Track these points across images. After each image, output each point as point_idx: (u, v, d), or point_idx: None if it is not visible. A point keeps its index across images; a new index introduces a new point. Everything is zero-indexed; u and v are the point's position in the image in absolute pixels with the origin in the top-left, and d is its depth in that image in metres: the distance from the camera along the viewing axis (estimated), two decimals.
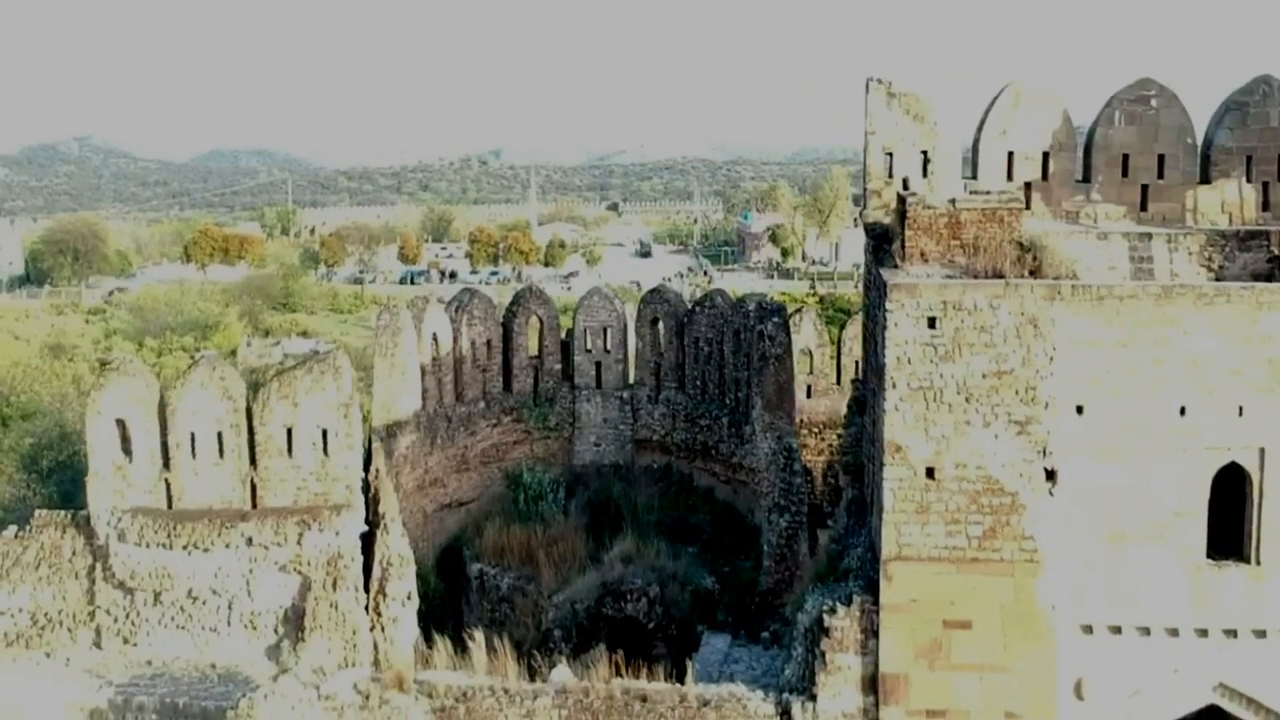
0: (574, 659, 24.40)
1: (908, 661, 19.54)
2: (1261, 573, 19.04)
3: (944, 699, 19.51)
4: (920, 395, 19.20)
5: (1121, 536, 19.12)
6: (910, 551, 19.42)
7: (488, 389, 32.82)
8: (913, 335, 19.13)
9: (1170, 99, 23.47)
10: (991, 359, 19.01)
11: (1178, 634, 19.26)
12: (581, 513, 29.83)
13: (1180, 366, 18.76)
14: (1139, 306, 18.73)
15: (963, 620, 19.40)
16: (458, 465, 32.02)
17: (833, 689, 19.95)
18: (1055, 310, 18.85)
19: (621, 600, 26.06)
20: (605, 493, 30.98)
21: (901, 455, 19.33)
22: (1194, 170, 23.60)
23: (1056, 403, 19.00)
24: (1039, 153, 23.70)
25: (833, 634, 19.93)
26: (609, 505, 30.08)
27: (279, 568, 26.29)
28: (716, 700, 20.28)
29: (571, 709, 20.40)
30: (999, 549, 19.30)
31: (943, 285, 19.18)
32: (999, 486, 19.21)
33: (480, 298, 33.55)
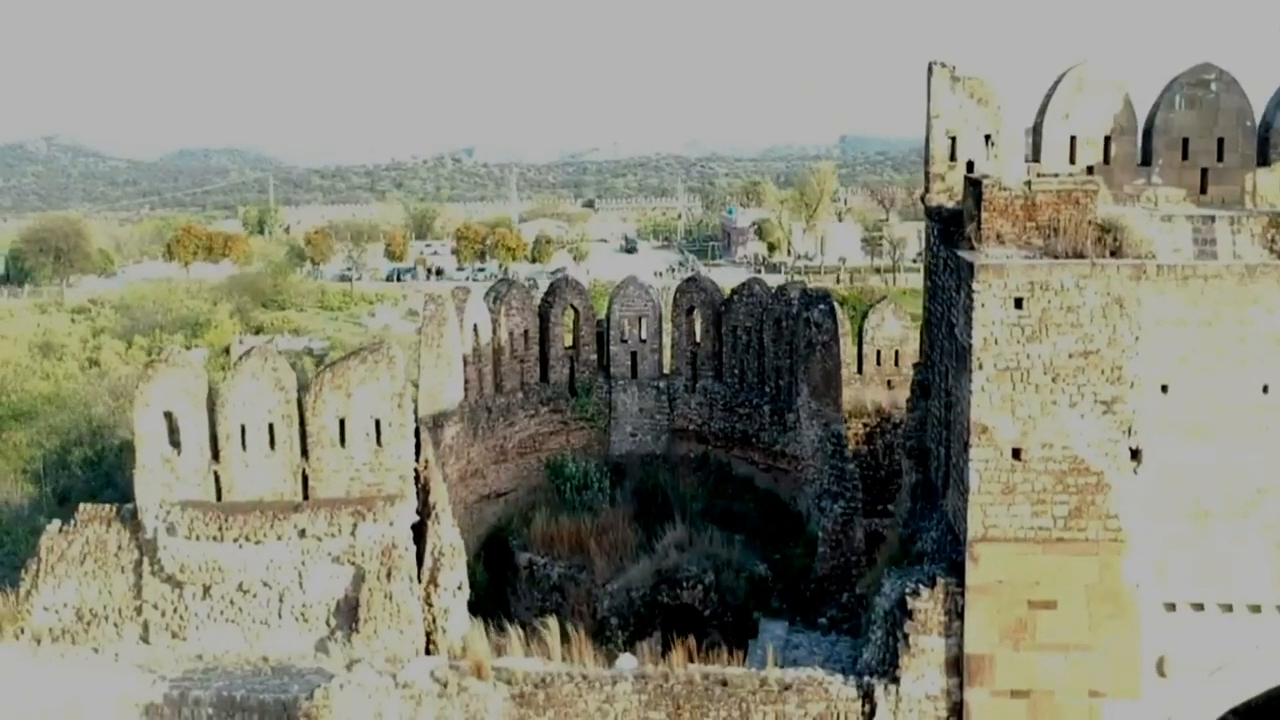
0: (630, 646, 24.34)
1: (993, 642, 19.56)
2: None
3: (1029, 679, 19.55)
4: (1007, 376, 19.23)
5: (1205, 514, 19.21)
6: (996, 533, 19.44)
7: (525, 379, 32.67)
8: (1000, 316, 19.15)
9: (1229, 83, 23.63)
10: (1078, 339, 19.06)
11: (1259, 611, 19.37)
12: (629, 502, 29.74)
13: (1264, 345, 18.87)
14: (1223, 286, 18.84)
15: (1048, 600, 19.44)
16: (496, 456, 31.86)
17: (916, 671, 19.95)
18: (1140, 290, 18.93)
19: (677, 587, 26.01)
20: (649, 482, 30.92)
21: (988, 436, 19.35)
22: (1253, 153, 23.78)
23: (1142, 382, 19.07)
24: (1100, 136, 23.81)
25: (916, 616, 19.92)
26: (654, 494, 30.02)
27: (332, 559, 26.06)
28: (798, 684, 20.26)
29: (652, 694, 20.32)
30: (1084, 528, 19.35)
31: (1030, 266, 19.22)
32: (1085, 466, 19.26)
33: (518, 288, 33.41)
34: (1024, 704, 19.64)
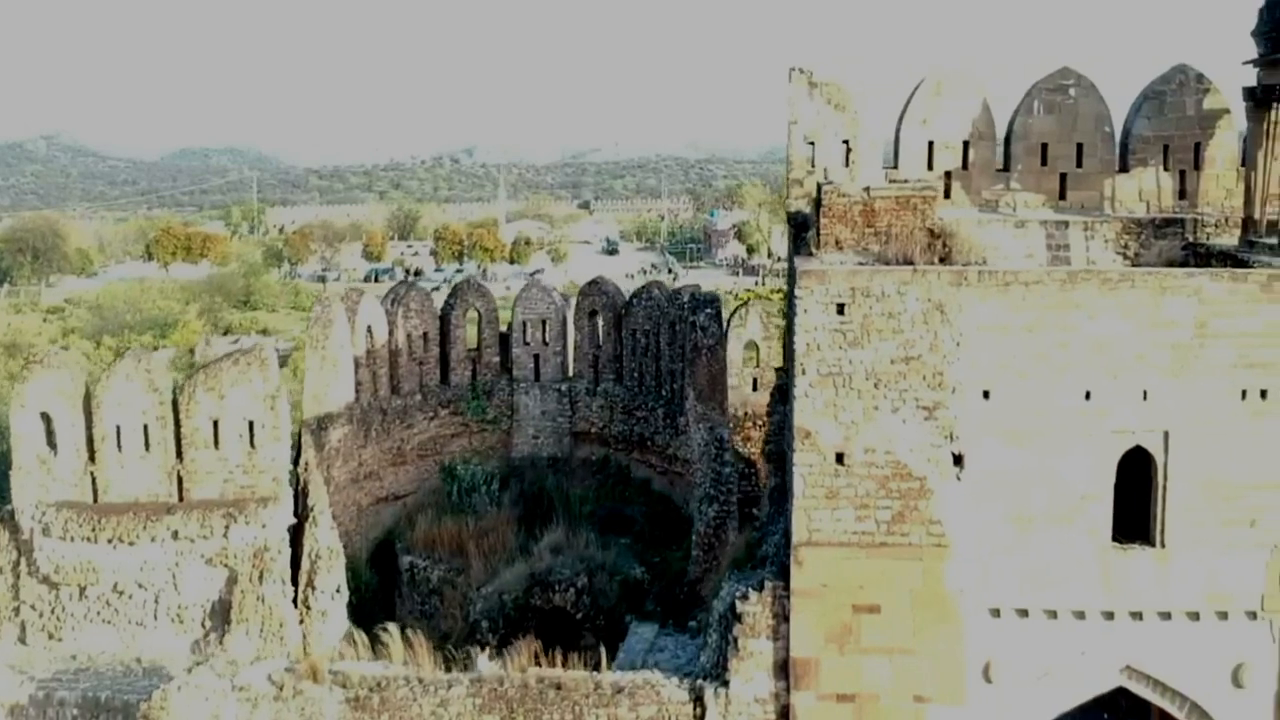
0: (502, 650, 24.39)
1: (818, 646, 19.61)
2: (1166, 555, 19.19)
3: (854, 682, 19.59)
4: (830, 381, 19.26)
5: (1029, 520, 19.24)
6: (820, 537, 19.48)
7: (425, 382, 32.74)
8: (822, 321, 19.19)
9: (1088, 88, 23.68)
10: (900, 344, 19.09)
11: (1084, 617, 19.39)
12: (514, 505, 29.81)
13: (1086, 351, 18.89)
14: (1044, 291, 18.83)
15: (872, 605, 19.48)
16: (394, 458, 31.93)
17: (745, 674, 19.99)
18: (962, 296, 18.94)
19: (549, 591, 26.07)
20: (540, 485, 30.96)
21: (811, 441, 19.40)
22: (1112, 159, 23.84)
23: (964, 387, 19.10)
24: (959, 142, 23.87)
25: (745, 619, 19.97)
26: (542, 497, 30.07)
27: (205, 561, 26.16)
28: (630, 687, 20.30)
29: (486, 698, 20.37)
30: (907, 533, 19.39)
31: (851, 272, 19.25)
32: (907, 471, 19.29)
33: (417, 291, 33.52)
34: (850, 708, 19.69)
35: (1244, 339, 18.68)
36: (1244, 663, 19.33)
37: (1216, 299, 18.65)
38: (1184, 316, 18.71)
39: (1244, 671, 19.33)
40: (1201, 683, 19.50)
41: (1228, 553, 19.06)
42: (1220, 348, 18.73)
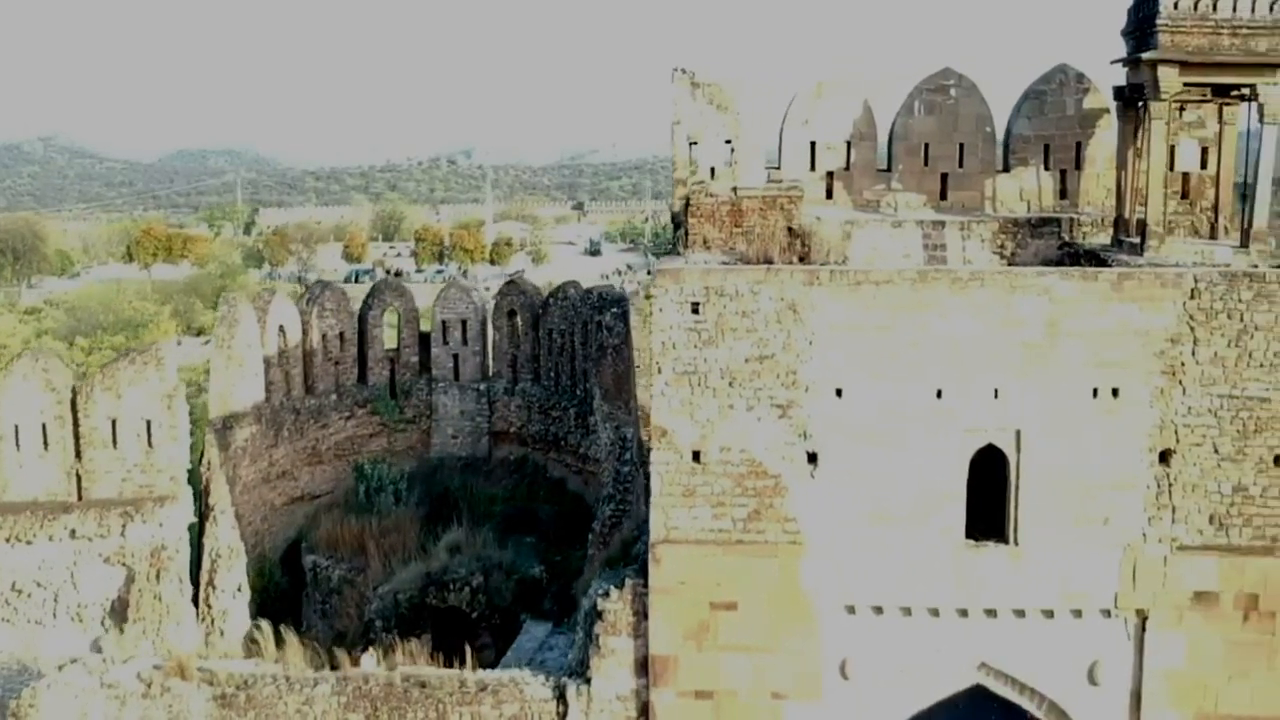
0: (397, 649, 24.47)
1: (677, 643, 19.69)
2: (1019, 553, 19.28)
3: (712, 680, 19.69)
4: (685, 380, 19.36)
5: (883, 518, 19.32)
6: (678, 535, 19.57)
7: (341, 381, 32.84)
8: (677, 320, 19.29)
9: (969, 89, 23.77)
10: (753, 343, 19.18)
11: (939, 614, 19.48)
12: (421, 505, 29.90)
13: (937, 350, 18.97)
14: (895, 291, 18.92)
15: (729, 602, 19.58)
16: (308, 458, 32.03)
17: (606, 672, 20.09)
18: (814, 295, 19.02)
19: (445, 590, 26.14)
20: (443, 484, 31.06)
21: (668, 439, 19.49)
22: (993, 159, 23.93)
23: (818, 386, 19.19)
24: (841, 142, 23.96)
25: (605, 617, 20.07)
26: (448, 497, 30.16)
27: (104, 560, 26.27)
28: (494, 685, 20.40)
29: (350, 696, 20.46)
30: (763, 531, 19.48)
31: (705, 271, 19.34)
32: (763, 469, 19.39)
33: (333, 290, 33.66)
34: (708, 705, 19.79)
35: (1095, 338, 18.77)
36: (1099, 660, 19.43)
37: (1067, 298, 18.74)
38: (1035, 316, 18.80)
39: (1099, 669, 19.43)
40: (1057, 680, 19.59)
41: (1081, 551, 19.14)
42: (1071, 347, 18.82)
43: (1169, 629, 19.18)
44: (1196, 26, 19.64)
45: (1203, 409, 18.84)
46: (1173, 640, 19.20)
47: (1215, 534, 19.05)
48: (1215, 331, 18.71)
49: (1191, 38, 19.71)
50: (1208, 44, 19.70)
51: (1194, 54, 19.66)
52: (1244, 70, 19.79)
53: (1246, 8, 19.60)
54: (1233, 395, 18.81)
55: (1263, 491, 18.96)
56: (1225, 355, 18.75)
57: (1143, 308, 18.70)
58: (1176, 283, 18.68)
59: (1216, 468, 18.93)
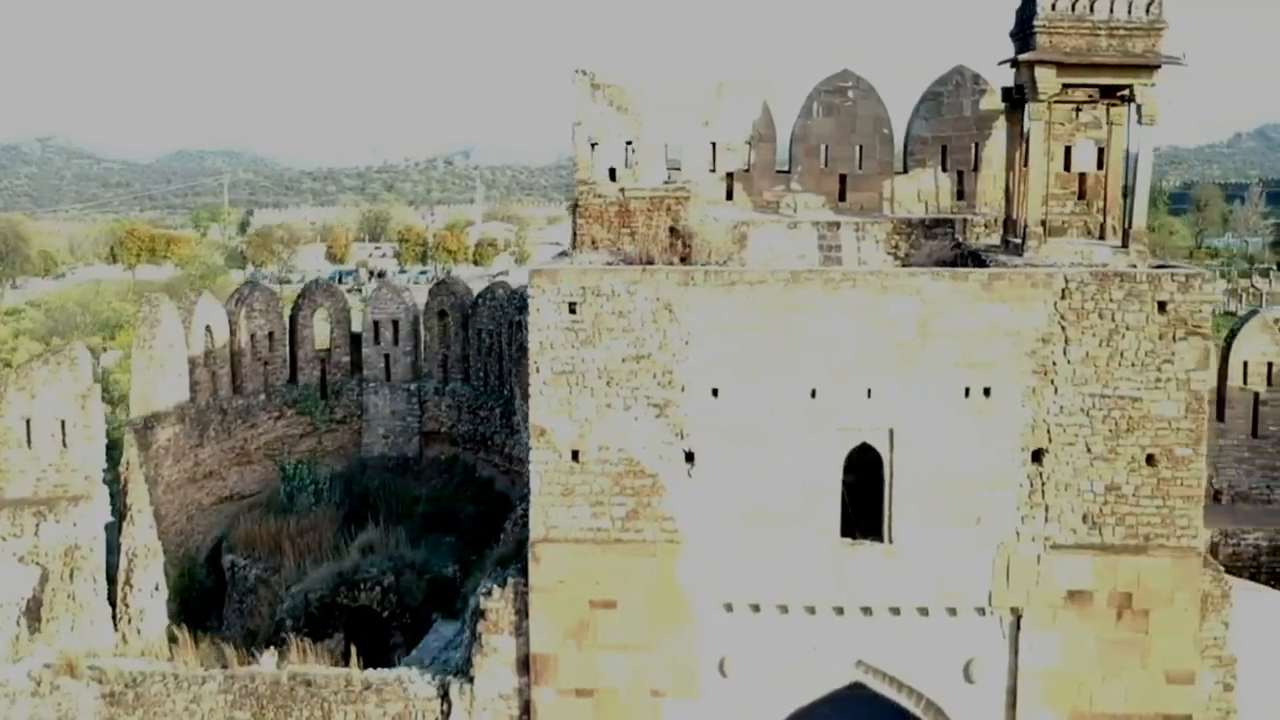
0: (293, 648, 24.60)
1: (557, 642, 19.82)
2: (894, 551, 19.40)
3: (592, 678, 19.80)
4: (564, 379, 19.49)
5: (759, 517, 19.42)
6: (557, 533, 19.70)
7: (270, 381, 32.95)
8: (555, 320, 19.42)
9: (867, 90, 23.92)
10: (630, 343, 19.31)
11: (815, 612, 19.60)
12: (342, 505, 30.04)
13: (811, 350, 19.09)
14: (769, 291, 19.04)
15: (608, 600, 19.70)
16: (237, 458, 32.14)
17: (488, 670, 20.21)
18: (690, 295, 19.14)
19: (355, 590, 26.23)
20: (367, 483, 31.19)
21: (547, 438, 19.62)
22: (891, 160, 24.06)
23: (694, 386, 19.31)
24: (741, 143, 24.08)
25: (488, 616, 20.19)
26: (368, 496, 30.30)
27: (17, 559, 26.39)
28: (379, 684, 20.51)
29: (237, 694, 20.58)
30: (642, 530, 19.60)
31: (582, 271, 19.48)
32: (641, 469, 19.51)
33: (262, 290, 33.79)
34: (589, 703, 19.90)
35: (966, 338, 18.90)
36: (975, 658, 19.54)
37: (938, 299, 18.86)
38: (907, 316, 18.92)
39: (975, 667, 19.55)
40: (934, 678, 19.71)
41: (955, 549, 19.26)
42: (943, 346, 18.94)
43: (1043, 628, 19.30)
44: (1074, 28, 19.77)
45: (1075, 408, 18.97)
46: (1047, 639, 19.31)
47: (1088, 533, 19.18)
48: (1087, 331, 18.83)
49: (1069, 39, 19.84)
50: (1085, 45, 19.83)
51: (1071, 55, 19.78)
52: (1121, 71, 19.92)
53: (1124, 9, 19.72)
54: (1104, 395, 18.94)
55: (1135, 490, 19.09)
56: (1097, 355, 18.87)
57: (1014, 308, 18.82)
58: (1047, 283, 18.81)
59: (1089, 467, 19.05)
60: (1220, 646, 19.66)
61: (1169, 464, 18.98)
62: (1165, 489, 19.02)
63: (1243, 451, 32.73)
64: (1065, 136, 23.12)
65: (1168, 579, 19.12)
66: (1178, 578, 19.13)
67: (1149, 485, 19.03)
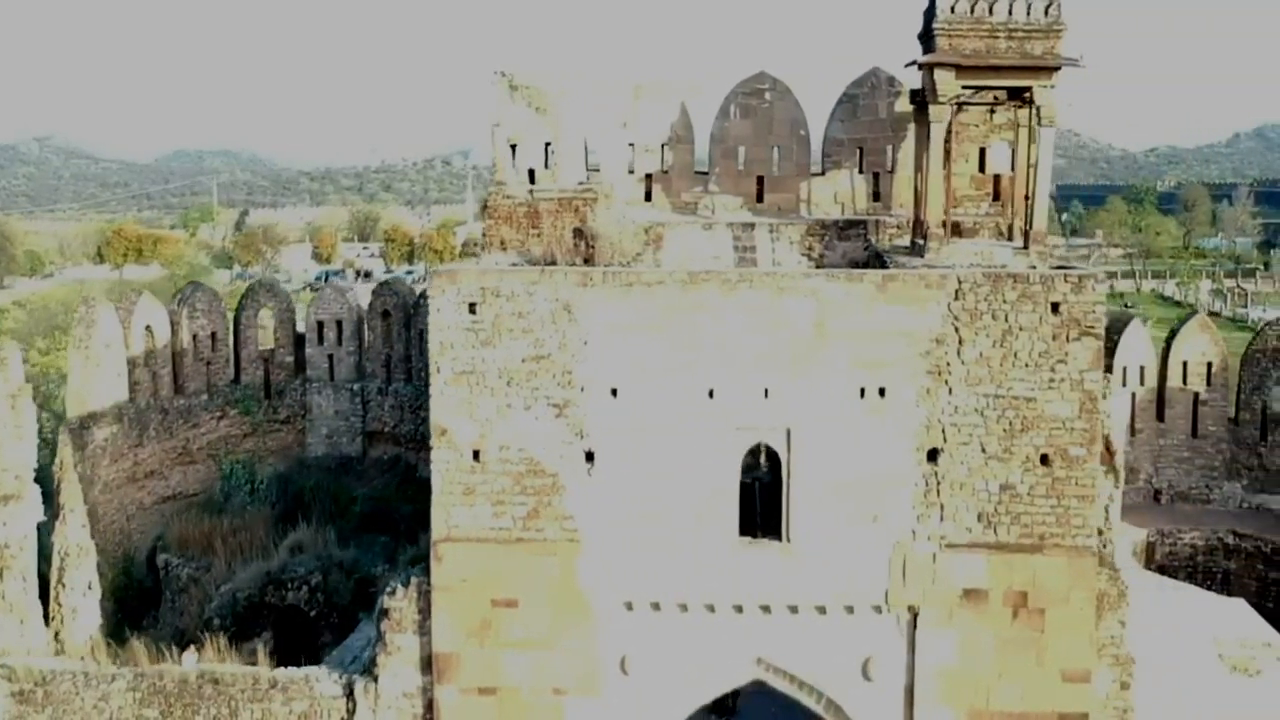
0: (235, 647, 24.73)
1: (459, 640, 19.95)
2: (792, 550, 19.54)
3: (494, 676, 19.94)
4: (464, 379, 19.63)
5: (659, 515, 19.55)
6: (459, 533, 19.83)
7: (213, 381, 33.07)
8: (455, 320, 19.56)
9: (783, 92, 24.06)
10: (530, 344, 19.44)
11: (715, 610, 19.73)
12: (278, 504, 30.16)
13: (709, 350, 19.21)
14: (667, 292, 19.16)
15: (510, 599, 19.83)
16: (179, 457, 32.26)
17: (392, 669, 20.35)
18: (588, 296, 19.27)
19: (283, 589, 26.37)
20: (304, 483, 31.30)
21: (448, 438, 19.76)
22: (807, 161, 24.19)
23: (593, 386, 19.44)
24: (659, 144, 24.23)
25: (391, 615, 20.34)
26: (303, 495, 30.41)
27: None
28: (285, 682, 20.66)
29: (145, 692, 20.74)
30: (542, 529, 19.73)
31: (481, 272, 19.62)
32: (541, 468, 19.65)
33: (205, 290, 33.93)
34: (491, 701, 20.04)
35: (862, 338, 19.02)
36: (872, 656, 19.67)
37: (834, 299, 18.99)
38: (803, 317, 19.05)
39: (872, 665, 19.67)
40: (833, 676, 19.83)
41: (852, 547, 19.39)
42: (839, 347, 19.07)
43: (939, 626, 19.43)
44: (973, 30, 19.91)
45: (969, 408, 19.10)
46: (943, 637, 19.45)
47: (984, 532, 19.30)
48: (980, 332, 18.96)
49: (968, 41, 19.97)
50: (984, 47, 19.96)
51: (970, 57, 19.92)
52: (1020, 73, 20.05)
53: (1022, 11, 19.86)
54: (998, 395, 19.07)
55: (1030, 490, 19.22)
56: (990, 355, 19.00)
57: (908, 309, 18.95)
58: (940, 284, 18.93)
59: (984, 466, 19.18)
60: (1117, 645, 19.78)
61: (1063, 464, 19.09)
62: (1060, 488, 19.13)
63: (1182, 451, 33.03)
64: (980, 138, 23.35)
65: (1063, 578, 19.25)
66: (1073, 577, 19.25)
67: (1043, 485, 19.15)
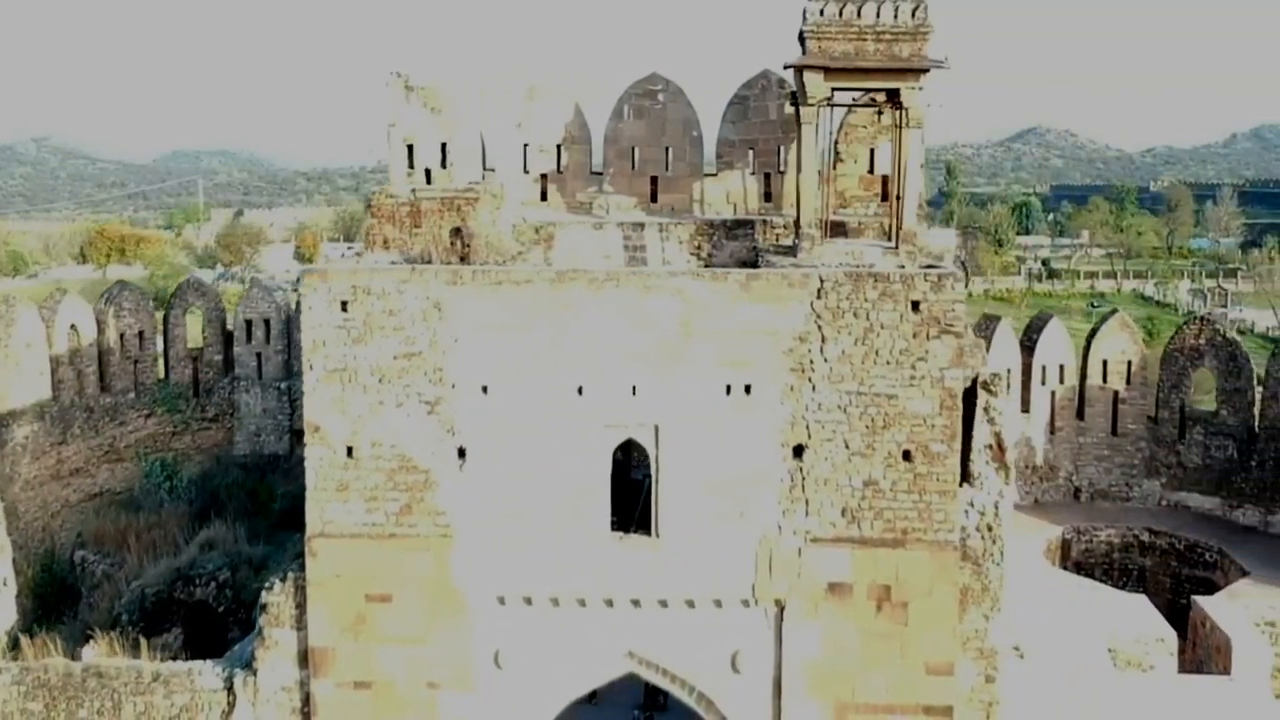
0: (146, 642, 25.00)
1: (334, 635, 20.21)
2: (661, 545, 19.79)
3: (369, 671, 20.19)
4: (337, 377, 19.87)
5: (531, 511, 19.81)
6: (333, 528, 20.09)
7: (140, 380, 33.36)
8: (327, 318, 19.80)
9: (676, 93, 24.30)
10: (401, 341, 19.69)
11: (586, 605, 19.99)
12: (195, 501, 30.43)
13: (578, 348, 19.47)
14: (535, 291, 19.42)
15: (384, 594, 20.09)
16: (106, 455, 32.56)
17: (271, 663, 20.61)
18: (458, 294, 19.53)
19: (192, 585, 26.62)
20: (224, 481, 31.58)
21: (321, 435, 20.01)
22: (700, 162, 24.43)
23: (464, 383, 19.69)
24: (553, 145, 24.47)
25: (269, 610, 20.60)
26: (218, 494, 30.68)
27: None
28: (167, 676, 20.93)
29: (29, 685, 20.98)
30: (415, 525, 19.99)
31: (353, 270, 19.89)
32: (413, 464, 19.91)
33: (132, 289, 34.23)
34: (367, 695, 20.29)
35: (727, 337, 19.28)
36: (741, 649, 19.94)
37: (699, 298, 19.25)
38: (669, 315, 19.31)
39: (741, 658, 19.93)
40: (703, 669, 20.10)
41: (720, 542, 19.65)
42: (705, 345, 19.33)
43: (805, 619, 19.70)
44: (841, 33, 20.16)
45: (832, 405, 19.36)
46: (809, 630, 19.72)
47: (848, 527, 19.57)
48: (843, 330, 19.23)
49: (837, 44, 20.22)
50: (853, 50, 20.21)
51: (838, 60, 20.17)
52: (888, 75, 20.30)
53: (889, 14, 20.11)
54: (861, 392, 19.33)
55: (892, 485, 19.48)
56: (853, 353, 19.26)
57: (772, 307, 19.21)
58: (803, 283, 19.19)
59: (847, 462, 19.44)
60: (981, 639, 20.04)
61: (924, 460, 19.36)
62: (921, 484, 19.40)
63: (1102, 450, 33.28)
64: (869, 139, 23.60)
65: (925, 572, 19.51)
66: (935, 571, 19.51)
67: (905, 480, 19.42)
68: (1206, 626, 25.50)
